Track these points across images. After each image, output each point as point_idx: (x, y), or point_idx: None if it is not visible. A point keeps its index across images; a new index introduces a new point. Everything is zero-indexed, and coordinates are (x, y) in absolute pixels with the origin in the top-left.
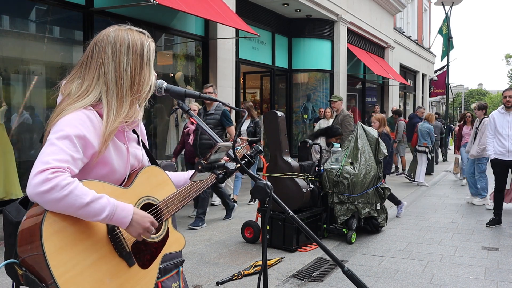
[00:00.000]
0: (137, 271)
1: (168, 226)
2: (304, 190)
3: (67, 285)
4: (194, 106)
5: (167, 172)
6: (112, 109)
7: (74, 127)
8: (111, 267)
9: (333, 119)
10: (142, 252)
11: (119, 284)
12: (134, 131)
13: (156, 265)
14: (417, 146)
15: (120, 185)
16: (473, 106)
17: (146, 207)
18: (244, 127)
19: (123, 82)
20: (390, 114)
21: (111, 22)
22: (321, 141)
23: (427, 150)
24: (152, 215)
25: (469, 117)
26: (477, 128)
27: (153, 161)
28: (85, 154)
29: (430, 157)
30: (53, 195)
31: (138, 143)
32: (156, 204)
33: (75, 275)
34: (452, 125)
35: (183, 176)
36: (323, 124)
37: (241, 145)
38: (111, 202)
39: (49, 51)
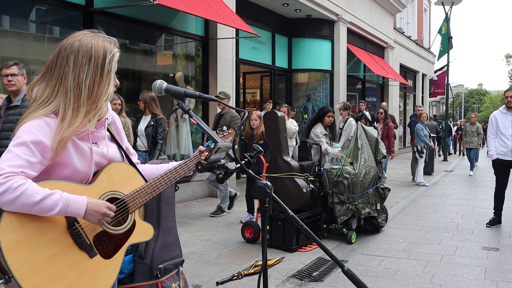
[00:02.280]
0: (99, 262)
1: (135, 218)
2: (304, 190)
3: (24, 277)
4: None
5: (147, 165)
6: (66, 118)
7: (31, 134)
8: (71, 259)
9: (291, 118)
10: (105, 244)
11: (78, 275)
12: (110, 129)
13: (120, 254)
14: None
15: (85, 183)
16: (337, 106)
17: (112, 201)
18: (142, 126)
19: (81, 93)
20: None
21: (110, 22)
22: (319, 133)
23: (415, 149)
24: (117, 208)
25: (381, 113)
26: (341, 128)
27: (128, 158)
28: (44, 157)
29: (418, 157)
30: (7, 197)
31: (112, 140)
32: (121, 198)
33: (32, 268)
34: (452, 125)
35: (162, 168)
36: None
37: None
38: (63, 196)
39: (49, 51)
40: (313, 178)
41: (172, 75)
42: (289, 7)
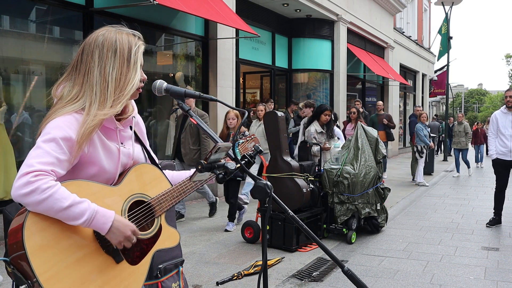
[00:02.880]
0: (125, 268)
1: (161, 222)
2: (304, 190)
3: (49, 283)
4: None
5: (168, 170)
6: (91, 111)
7: (61, 130)
8: (97, 264)
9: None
10: (131, 249)
11: (105, 281)
12: (135, 130)
13: (146, 261)
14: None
15: (111, 184)
16: (300, 105)
17: (137, 204)
18: None
19: (108, 85)
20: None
21: (110, 22)
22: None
23: (415, 149)
24: (143, 211)
25: (354, 113)
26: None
27: (152, 159)
28: (72, 154)
29: (418, 157)
30: (33, 198)
31: (136, 140)
32: (147, 201)
33: (57, 272)
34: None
35: (185, 174)
36: (254, 126)
37: (248, 139)
38: (91, 207)
39: (49, 51)
40: (313, 178)
41: (172, 75)
42: (289, 7)
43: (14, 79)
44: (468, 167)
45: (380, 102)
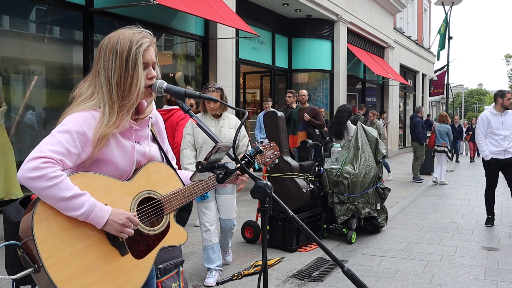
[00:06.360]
0: (130, 261)
1: (169, 220)
2: (304, 190)
3: (53, 268)
4: None
5: (183, 171)
6: (105, 114)
7: (76, 124)
8: (102, 254)
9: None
10: (137, 243)
11: (108, 271)
12: (152, 130)
13: (151, 256)
14: (436, 147)
15: (124, 179)
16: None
17: (148, 200)
18: None
19: (112, 89)
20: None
21: (110, 22)
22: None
23: (446, 149)
24: (152, 207)
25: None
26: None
27: (167, 160)
28: (84, 151)
29: (450, 156)
30: (39, 183)
31: (153, 140)
32: (157, 198)
33: (62, 259)
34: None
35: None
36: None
37: (267, 146)
38: (90, 201)
39: (49, 51)
40: (313, 178)
41: (172, 75)
42: (289, 7)
43: (14, 79)
44: (388, 171)
45: (304, 92)
